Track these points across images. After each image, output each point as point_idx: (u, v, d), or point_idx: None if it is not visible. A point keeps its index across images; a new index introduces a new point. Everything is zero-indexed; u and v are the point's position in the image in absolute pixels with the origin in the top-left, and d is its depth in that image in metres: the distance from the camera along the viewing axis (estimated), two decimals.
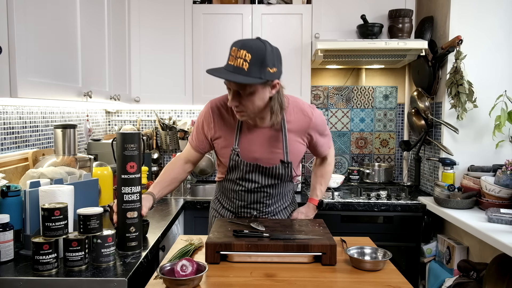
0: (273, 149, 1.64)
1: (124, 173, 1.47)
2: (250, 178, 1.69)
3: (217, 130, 1.67)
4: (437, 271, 2.37)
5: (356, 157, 3.28)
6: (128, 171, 1.47)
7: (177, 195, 2.69)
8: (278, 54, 1.50)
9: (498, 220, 1.98)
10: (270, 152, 1.65)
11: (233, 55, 1.44)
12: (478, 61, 2.50)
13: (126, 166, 1.46)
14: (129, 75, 2.80)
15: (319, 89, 3.25)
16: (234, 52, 1.43)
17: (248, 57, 1.40)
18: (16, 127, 1.98)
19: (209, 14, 2.83)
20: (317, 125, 1.68)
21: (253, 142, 1.64)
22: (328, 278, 1.30)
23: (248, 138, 1.65)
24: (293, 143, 1.66)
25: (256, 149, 1.65)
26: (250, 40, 1.46)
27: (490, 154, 2.52)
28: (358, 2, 2.80)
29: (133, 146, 1.47)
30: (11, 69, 1.43)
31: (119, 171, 1.48)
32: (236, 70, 1.41)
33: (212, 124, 1.68)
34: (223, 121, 1.67)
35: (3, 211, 1.46)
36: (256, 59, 1.41)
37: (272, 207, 1.79)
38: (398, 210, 2.52)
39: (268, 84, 1.48)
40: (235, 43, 1.46)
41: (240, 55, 1.41)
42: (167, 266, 1.28)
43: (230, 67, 1.43)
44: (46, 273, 1.32)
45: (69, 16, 1.87)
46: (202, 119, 1.70)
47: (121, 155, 1.47)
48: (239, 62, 1.41)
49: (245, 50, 1.41)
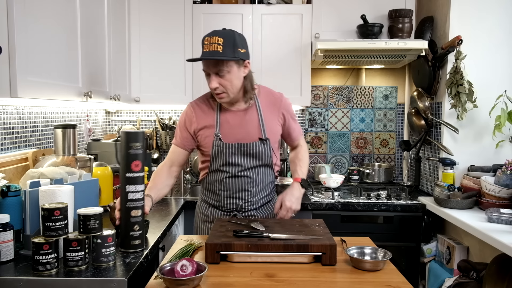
0: (251, 128, 1.81)
1: (129, 172, 1.47)
2: (232, 161, 1.80)
3: (200, 122, 1.82)
4: (437, 271, 2.37)
5: (356, 157, 3.28)
6: (132, 170, 1.47)
7: (177, 195, 2.69)
8: (244, 39, 1.74)
9: (498, 220, 1.98)
10: (249, 132, 1.81)
11: (206, 43, 1.64)
12: (478, 61, 2.50)
13: (131, 165, 1.47)
14: (129, 75, 2.80)
15: (319, 89, 3.25)
16: (207, 41, 1.64)
17: (220, 41, 1.61)
18: (16, 127, 1.98)
19: (209, 14, 2.83)
20: (287, 105, 1.89)
21: (232, 125, 1.80)
22: (328, 278, 1.30)
23: (228, 123, 1.80)
24: (269, 122, 1.83)
25: (236, 131, 1.80)
26: (221, 30, 1.68)
27: (490, 154, 2.52)
28: (358, 2, 2.80)
29: (138, 145, 1.48)
30: (11, 69, 1.43)
31: (123, 170, 1.48)
32: (212, 53, 1.62)
33: (194, 118, 1.83)
34: (203, 113, 1.83)
35: (3, 211, 1.46)
36: (228, 42, 1.62)
37: (256, 197, 1.86)
38: (398, 210, 2.52)
39: (241, 64, 1.70)
40: (206, 35, 1.66)
41: (213, 41, 1.61)
42: (167, 266, 1.28)
43: (207, 53, 1.63)
44: (46, 273, 1.32)
45: (69, 16, 1.86)
46: (184, 117, 1.86)
47: (125, 153, 1.47)
48: (214, 47, 1.61)
49: (216, 36, 1.62)
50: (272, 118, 1.85)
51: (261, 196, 1.88)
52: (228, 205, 1.86)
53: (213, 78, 1.69)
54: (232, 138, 1.80)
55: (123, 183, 1.49)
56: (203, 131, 1.82)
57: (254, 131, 1.81)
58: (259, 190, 1.87)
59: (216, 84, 1.69)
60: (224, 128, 1.80)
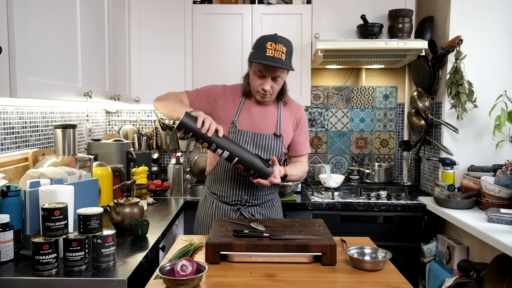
0: (268, 122, 1.90)
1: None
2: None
3: (221, 107, 1.90)
4: (437, 271, 2.37)
5: (356, 157, 3.28)
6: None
7: (177, 195, 2.69)
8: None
9: (498, 220, 1.98)
10: (266, 125, 1.89)
11: (270, 48, 1.72)
12: (478, 61, 2.50)
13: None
14: (129, 75, 2.80)
15: (319, 89, 3.25)
16: (271, 46, 1.73)
17: (284, 50, 1.74)
18: (16, 127, 1.98)
19: (209, 14, 2.83)
20: (304, 117, 1.99)
21: (252, 114, 1.89)
22: (328, 278, 1.30)
23: (249, 112, 1.89)
24: (285, 122, 1.92)
25: (254, 121, 1.88)
26: (279, 36, 1.77)
27: (490, 154, 2.52)
28: (358, 2, 2.80)
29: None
30: (11, 69, 1.43)
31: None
32: (277, 60, 1.72)
33: (222, 95, 1.91)
34: (227, 102, 1.91)
35: (3, 211, 1.46)
36: (288, 51, 1.76)
37: (261, 192, 1.92)
38: (398, 210, 2.52)
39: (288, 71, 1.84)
40: (268, 38, 1.75)
41: (278, 48, 1.72)
42: (167, 266, 1.28)
43: (271, 58, 1.72)
44: (46, 273, 1.32)
45: (69, 16, 1.86)
46: (216, 88, 1.94)
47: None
48: (278, 54, 1.72)
49: (281, 44, 1.74)
50: (288, 120, 1.94)
51: (266, 192, 1.93)
52: (233, 196, 1.90)
53: (268, 81, 1.80)
54: (249, 126, 1.87)
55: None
56: (222, 115, 1.88)
57: (271, 125, 1.90)
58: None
59: (269, 87, 1.80)
60: (243, 117, 1.88)
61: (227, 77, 2.81)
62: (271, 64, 1.71)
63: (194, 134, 1.61)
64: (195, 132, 1.61)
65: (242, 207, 1.91)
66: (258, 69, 1.78)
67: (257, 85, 1.82)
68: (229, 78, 2.79)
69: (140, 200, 1.92)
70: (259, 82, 1.81)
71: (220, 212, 1.93)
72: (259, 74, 1.79)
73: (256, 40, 1.82)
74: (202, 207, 2.02)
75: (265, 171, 1.69)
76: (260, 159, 1.70)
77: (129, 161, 2.55)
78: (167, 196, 2.69)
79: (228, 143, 1.66)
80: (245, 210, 1.91)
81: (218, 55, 2.85)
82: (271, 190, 1.97)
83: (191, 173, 3.18)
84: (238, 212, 1.91)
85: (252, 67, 1.82)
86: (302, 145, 1.99)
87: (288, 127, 1.94)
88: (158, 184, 2.71)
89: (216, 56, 2.85)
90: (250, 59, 1.80)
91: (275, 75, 1.78)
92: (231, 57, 2.85)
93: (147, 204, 2.40)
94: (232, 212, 1.92)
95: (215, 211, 1.94)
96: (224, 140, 1.65)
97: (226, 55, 2.85)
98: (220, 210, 1.93)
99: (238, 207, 1.91)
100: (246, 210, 1.91)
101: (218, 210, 1.94)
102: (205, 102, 1.91)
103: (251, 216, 1.92)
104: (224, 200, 1.93)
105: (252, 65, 1.82)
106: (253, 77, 1.82)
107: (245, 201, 1.90)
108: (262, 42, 1.75)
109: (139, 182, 2.72)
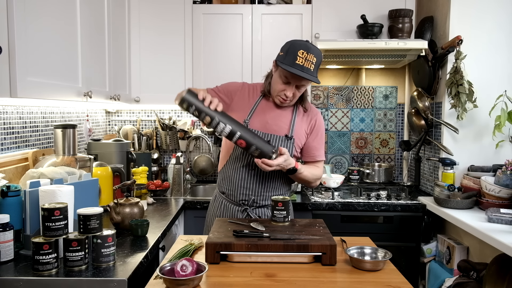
0: (281, 124, 1.88)
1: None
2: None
3: (237, 104, 1.90)
4: (437, 271, 2.37)
5: (356, 157, 3.28)
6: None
7: (177, 195, 2.69)
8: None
9: (498, 220, 1.98)
10: (279, 126, 1.87)
11: (301, 57, 1.69)
12: (478, 61, 2.50)
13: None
14: (129, 75, 2.80)
15: (319, 89, 3.25)
16: (303, 55, 1.69)
17: (314, 60, 1.71)
18: (16, 127, 1.98)
19: (209, 14, 2.83)
20: (320, 121, 1.95)
21: (266, 114, 1.88)
22: (328, 278, 1.30)
23: (263, 111, 1.89)
24: (298, 126, 1.89)
25: (267, 121, 1.87)
26: (312, 45, 1.73)
27: (490, 154, 2.52)
28: (358, 2, 2.80)
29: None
30: (11, 69, 1.43)
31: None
32: (305, 69, 1.69)
33: (238, 92, 1.92)
34: (243, 100, 1.91)
35: (3, 211, 1.46)
36: (317, 63, 1.73)
37: (269, 193, 1.89)
38: (398, 210, 2.52)
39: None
40: (300, 45, 1.71)
41: (309, 58, 1.69)
42: (167, 266, 1.28)
43: (300, 66, 1.69)
44: (46, 273, 1.32)
45: (69, 16, 1.86)
46: (234, 84, 1.96)
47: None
48: (308, 64, 1.69)
49: (312, 54, 1.70)
50: (302, 125, 1.91)
51: (274, 194, 1.90)
52: (241, 195, 1.88)
53: (292, 88, 1.78)
54: (261, 126, 1.86)
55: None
56: (236, 111, 1.87)
57: (284, 126, 1.88)
58: (273, 186, 1.89)
59: (291, 94, 1.79)
60: (256, 116, 1.87)
61: (227, 77, 2.81)
62: (299, 74, 1.68)
63: (196, 108, 1.63)
64: (197, 105, 1.63)
65: (249, 208, 1.89)
66: (284, 75, 1.75)
67: (279, 90, 1.80)
68: (229, 78, 2.79)
69: (140, 200, 1.92)
70: (282, 87, 1.79)
71: (228, 213, 1.92)
72: (284, 80, 1.77)
73: (286, 43, 1.77)
74: (212, 207, 2.01)
75: (267, 147, 1.66)
76: (261, 137, 1.71)
77: (129, 161, 2.55)
78: (167, 196, 2.69)
79: (229, 118, 1.67)
80: (252, 212, 1.89)
81: (218, 55, 2.85)
82: (279, 192, 1.93)
83: (191, 173, 3.18)
84: (245, 213, 1.89)
85: (278, 71, 1.78)
86: (317, 150, 1.94)
87: (301, 131, 1.90)
88: (158, 184, 2.71)
89: (216, 56, 2.85)
90: (278, 63, 1.73)
91: (299, 84, 1.77)
92: (231, 57, 2.85)
93: (147, 204, 2.40)
94: (239, 213, 1.90)
95: (223, 212, 1.93)
96: (225, 115, 1.66)
97: (226, 55, 2.85)
98: (228, 211, 1.92)
99: (245, 207, 1.89)
100: (253, 212, 1.89)
101: (226, 211, 1.92)
102: (224, 97, 1.91)
103: (258, 217, 1.89)
104: (232, 199, 1.91)
105: (278, 68, 1.78)
106: (277, 80, 1.79)
107: (252, 201, 1.88)
108: (293, 48, 1.70)
109: (139, 182, 2.72)
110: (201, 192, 3.10)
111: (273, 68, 1.84)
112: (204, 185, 3.11)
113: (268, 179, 1.87)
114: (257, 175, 1.86)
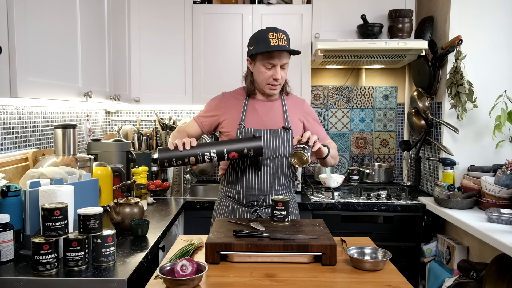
0: (276, 117, 1.91)
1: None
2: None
3: (226, 111, 1.92)
4: (437, 271, 2.37)
5: (356, 157, 3.28)
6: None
7: (177, 195, 2.69)
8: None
9: (498, 220, 1.98)
10: (274, 120, 1.90)
11: (273, 37, 1.76)
12: (478, 61, 2.50)
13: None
14: (129, 75, 2.80)
15: (319, 89, 3.25)
16: (273, 36, 1.77)
17: (284, 37, 1.79)
18: (16, 127, 1.98)
19: (209, 14, 2.83)
20: (309, 108, 2.02)
21: (259, 112, 1.91)
22: (328, 278, 1.30)
23: (254, 110, 1.91)
24: (292, 115, 1.93)
25: (262, 118, 1.90)
26: (274, 27, 1.83)
27: (490, 154, 2.52)
28: (358, 2, 2.80)
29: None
30: (11, 69, 1.43)
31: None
32: (283, 47, 1.76)
33: (223, 103, 1.94)
34: (230, 105, 1.94)
35: (3, 211, 1.46)
36: (288, 39, 1.81)
37: (277, 191, 1.89)
38: (398, 210, 2.52)
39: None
40: (267, 30, 1.78)
41: (280, 36, 1.77)
42: (167, 266, 1.28)
43: (276, 46, 1.75)
44: (46, 273, 1.32)
45: (69, 16, 1.86)
46: (215, 101, 1.96)
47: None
48: (282, 42, 1.77)
49: (281, 32, 1.79)
50: (294, 113, 1.95)
51: (282, 191, 1.90)
52: (250, 196, 1.87)
53: (278, 69, 1.81)
54: (257, 124, 1.88)
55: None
56: (227, 122, 1.90)
57: (278, 119, 1.91)
58: (280, 183, 1.89)
59: (279, 75, 1.82)
60: (250, 116, 1.90)
61: (227, 77, 2.82)
62: (283, 49, 1.74)
63: (176, 158, 1.62)
64: (174, 156, 1.62)
65: (259, 208, 1.87)
66: (267, 61, 1.79)
67: (267, 77, 1.83)
68: (229, 78, 2.80)
69: (140, 200, 1.92)
70: (269, 74, 1.82)
71: (236, 214, 1.89)
72: (268, 66, 1.80)
73: (251, 38, 1.83)
74: (218, 210, 1.98)
75: (255, 142, 1.66)
76: (245, 137, 1.73)
77: (129, 161, 2.55)
78: (167, 196, 2.69)
79: (208, 144, 1.66)
80: (262, 212, 1.88)
81: (218, 55, 2.85)
82: (287, 190, 1.93)
83: (191, 173, 3.18)
84: (255, 213, 1.88)
85: (257, 61, 1.81)
86: (319, 134, 1.94)
87: (295, 120, 1.94)
88: (158, 184, 2.71)
89: (216, 56, 2.85)
90: (255, 53, 1.78)
91: (283, 63, 1.81)
92: (231, 57, 2.85)
93: (147, 204, 2.40)
94: (249, 214, 1.88)
95: (231, 213, 1.91)
96: (202, 145, 1.65)
97: (226, 55, 2.85)
98: (236, 212, 1.90)
99: (255, 208, 1.87)
100: (263, 212, 1.88)
101: (234, 213, 1.90)
102: (211, 114, 1.93)
103: (269, 217, 1.86)
104: (240, 201, 1.89)
105: (256, 60, 1.82)
106: (261, 70, 1.81)
107: (262, 201, 1.87)
108: (262, 35, 1.77)
109: (139, 182, 2.72)
110: (201, 192, 3.10)
111: (249, 66, 1.88)
112: (204, 185, 3.11)
113: (275, 177, 1.87)
114: (264, 174, 1.86)
